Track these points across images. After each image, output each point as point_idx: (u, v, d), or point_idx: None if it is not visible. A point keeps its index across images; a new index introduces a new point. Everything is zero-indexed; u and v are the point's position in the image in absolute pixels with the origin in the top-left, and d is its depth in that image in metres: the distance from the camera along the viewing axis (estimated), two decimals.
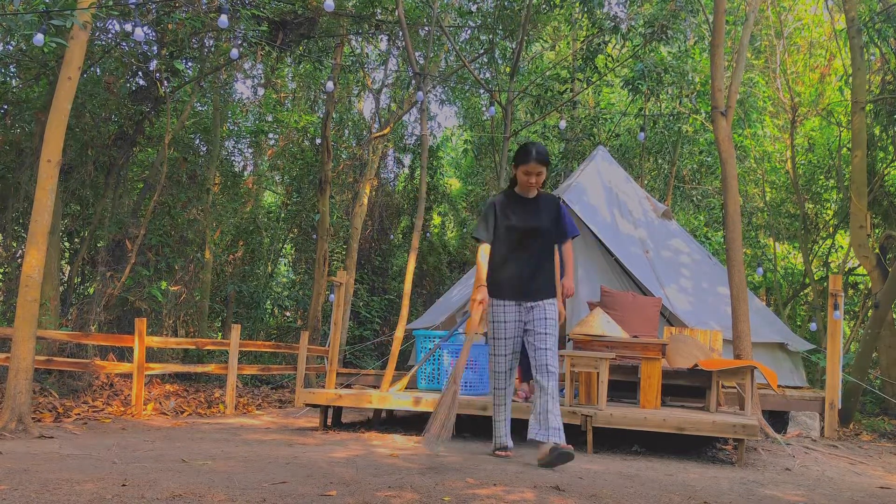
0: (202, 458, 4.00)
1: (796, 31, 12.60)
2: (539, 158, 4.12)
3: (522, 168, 4.15)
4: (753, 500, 3.40)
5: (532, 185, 4.18)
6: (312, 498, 2.94)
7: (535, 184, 4.18)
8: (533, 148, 4.13)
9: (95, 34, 8.42)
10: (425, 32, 10.70)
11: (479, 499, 3.03)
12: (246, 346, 8.01)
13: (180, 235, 10.28)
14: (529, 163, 4.12)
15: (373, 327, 13.35)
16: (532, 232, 4.23)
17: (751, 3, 7.40)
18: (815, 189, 12.13)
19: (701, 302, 7.81)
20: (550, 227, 4.28)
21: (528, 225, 4.23)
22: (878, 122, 9.39)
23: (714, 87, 6.70)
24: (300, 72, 13.39)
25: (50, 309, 7.78)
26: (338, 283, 7.98)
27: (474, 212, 15.71)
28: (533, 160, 4.11)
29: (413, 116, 14.70)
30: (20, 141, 8.89)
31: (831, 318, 6.46)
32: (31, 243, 5.23)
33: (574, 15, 11.14)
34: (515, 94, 8.16)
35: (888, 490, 4.00)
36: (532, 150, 4.12)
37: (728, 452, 5.26)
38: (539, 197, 4.31)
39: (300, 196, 13.47)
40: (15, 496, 2.81)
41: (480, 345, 6.02)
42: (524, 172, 4.16)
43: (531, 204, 4.29)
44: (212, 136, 11.33)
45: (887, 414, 7.98)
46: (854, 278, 12.25)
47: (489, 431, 5.73)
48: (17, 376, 5.12)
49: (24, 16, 5.27)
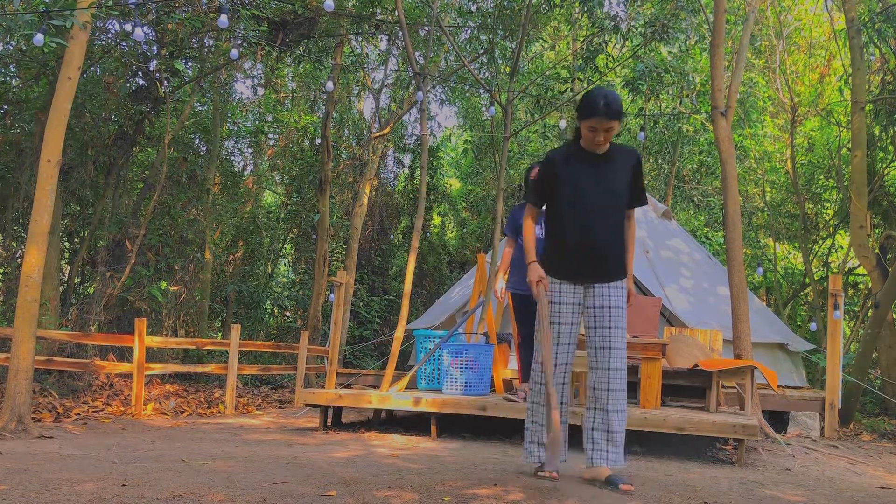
0: (202, 458, 4.00)
1: (796, 31, 12.60)
2: (609, 112, 3.28)
3: (587, 123, 3.34)
4: (753, 500, 3.40)
5: (600, 143, 3.39)
6: (312, 498, 2.94)
7: (603, 142, 3.39)
8: (602, 99, 3.28)
9: (95, 34, 8.42)
10: (425, 32, 10.70)
11: (479, 499, 3.03)
12: (246, 346, 8.01)
13: (180, 235, 10.28)
14: (596, 117, 3.30)
15: (373, 327, 13.35)
16: (603, 196, 3.45)
17: (751, 3, 7.41)
18: (815, 189, 12.13)
19: (701, 302, 7.81)
20: (625, 190, 3.49)
21: (598, 187, 3.45)
22: (877, 122, 9.39)
23: (714, 87, 6.70)
24: (300, 72, 13.39)
25: (50, 309, 7.78)
26: (338, 283, 7.99)
27: (474, 212, 15.70)
28: (601, 114, 3.28)
29: (413, 116, 14.70)
30: (20, 141, 8.89)
31: (831, 318, 6.46)
32: (31, 243, 5.23)
33: (574, 15, 11.14)
34: (515, 94, 8.14)
35: (888, 490, 4.00)
36: (600, 101, 3.28)
37: (728, 452, 5.26)
38: (613, 151, 3.50)
39: (300, 196, 13.47)
40: (15, 496, 2.81)
41: (480, 345, 6.02)
42: (589, 128, 3.36)
43: (602, 160, 3.48)
44: (212, 136, 11.33)
45: (887, 414, 7.98)
46: (854, 278, 12.25)
47: (489, 431, 5.73)
48: (17, 376, 5.12)
49: (24, 16, 5.27)
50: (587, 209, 3.44)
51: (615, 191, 3.46)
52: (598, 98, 3.30)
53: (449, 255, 15.60)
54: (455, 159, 17.91)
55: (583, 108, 3.36)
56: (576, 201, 3.44)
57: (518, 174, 14.33)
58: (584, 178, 3.45)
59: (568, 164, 3.48)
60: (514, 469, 3.90)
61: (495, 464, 4.09)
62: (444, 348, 5.94)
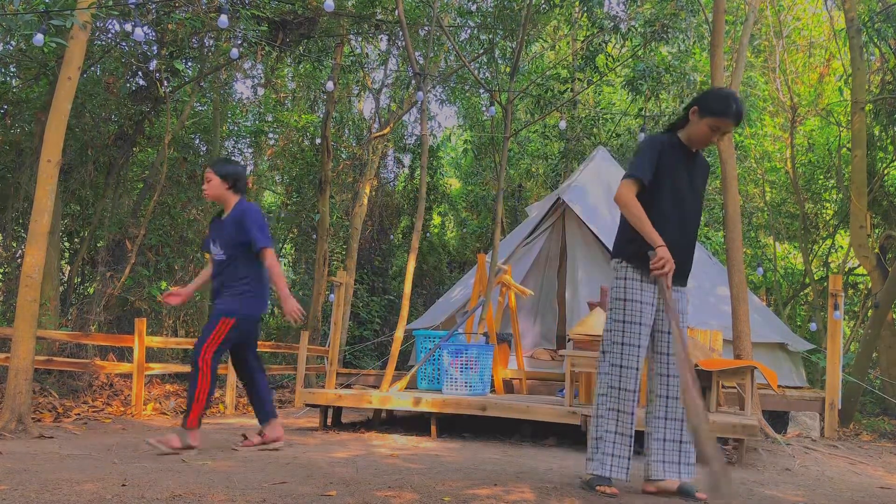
0: (202, 458, 4.00)
1: (795, 31, 12.60)
2: (738, 118, 3.25)
3: (713, 121, 3.24)
4: (753, 500, 3.40)
5: (712, 143, 3.34)
6: (312, 498, 2.94)
7: (713, 143, 3.37)
8: (734, 102, 3.23)
9: (95, 34, 8.42)
10: (425, 32, 10.70)
11: (479, 499, 3.03)
12: None
13: (180, 235, 10.27)
14: (727, 118, 3.23)
15: (373, 327, 13.34)
16: (695, 199, 3.38)
17: (751, 3, 7.41)
18: (815, 189, 12.13)
19: (701, 302, 7.81)
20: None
21: (692, 189, 3.36)
22: (877, 122, 9.39)
23: (714, 86, 6.70)
24: (300, 72, 13.39)
25: (50, 309, 7.78)
26: (338, 283, 7.99)
27: (474, 212, 15.70)
28: (731, 117, 3.23)
29: (413, 116, 14.70)
30: (20, 141, 8.89)
31: (831, 318, 6.47)
32: (31, 243, 5.23)
33: (574, 14, 11.14)
34: (515, 94, 8.15)
35: (888, 490, 4.00)
36: (733, 104, 3.22)
37: (728, 452, 5.26)
38: (699, 154, 3.45)
39: (300, 196, 13.47)
40: (15, 496, 2.81)
41: (480, 345, 6.02)
42: (712, 127, 3.26)
43: (695, 160, 3.41)
44: (212, 136, 11.33)
45: (887, 414, 7.98)
46: (854, 278, 12.25)
47: (489, 431, 5.73)
48: (16, 376, 5.12)
49: (24, 16, 5.27)
50: (685, 209, 3.33)
51: (701, 195, 3.42)
52: (731, 100, 3.23)
53: (449, 255, 15.60)
54: (455, 159, 17.91)
55: (713, 105, 3.24)
56: (676, 199, 3.31)
57: (518, 174, 14.33)
58: (683, 176, 3.34)
59: (671, 156, 3.33)
60: (514, 469, 3.90)
61: (495, 464, 4.09)
62: (444, 348, 5.94)
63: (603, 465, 3.28)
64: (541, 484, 3.43)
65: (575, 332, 5.62)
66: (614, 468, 3.27)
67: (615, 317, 3.30)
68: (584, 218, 8.03)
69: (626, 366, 3.25)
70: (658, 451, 3.32)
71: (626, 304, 3.27)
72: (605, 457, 3.28)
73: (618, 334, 3.28)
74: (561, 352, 7.15)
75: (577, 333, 5.61)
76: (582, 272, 8.03)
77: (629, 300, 3.27)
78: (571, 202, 8.18)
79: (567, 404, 5.28)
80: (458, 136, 16.99)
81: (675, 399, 3.30)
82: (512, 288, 7.05)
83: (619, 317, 3.29)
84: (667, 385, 3.31)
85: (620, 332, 3.27)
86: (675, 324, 3.13)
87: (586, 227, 8.09)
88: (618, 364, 3.27)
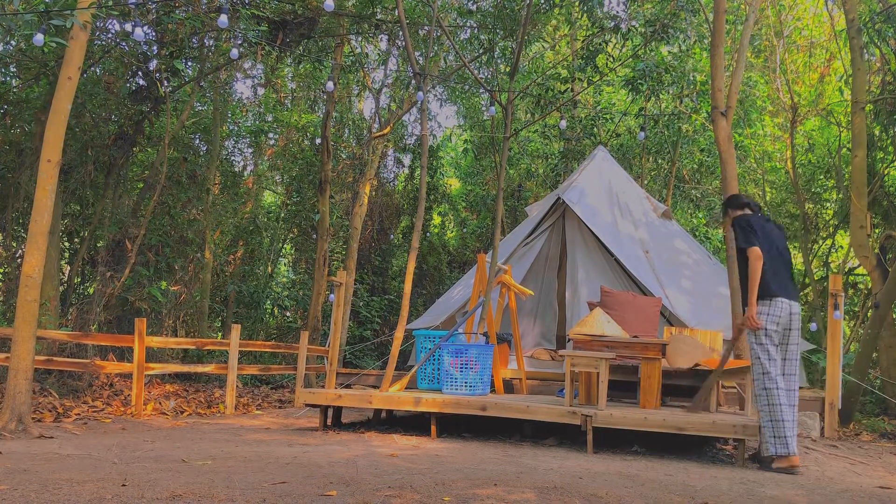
0: (202, 458, 4.00)
1: (796, 31, 12.60)
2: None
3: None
4: (753, 500, 3.40)
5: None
6: (312, 498, 2.94)
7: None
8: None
9: (95, 34, 8.42)
10: (425, 32, 10.70)
11: (479, 499, 3.03)
12: (246, 346, 8.01)
13: (180, 235, 10.27)
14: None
15: (373, 327, 13.34)
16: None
17: (751, 3, 7.40)
18: (815, 189, 12.13)
19: (701, 302, 7.81)
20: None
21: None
22: (878, 122, 9.38)
23: (714, 86, 6.70)
24: (300, 72, 13.39)
25: (50, 309, 7.78)
26: (338, 283, 7.99)
27: (474, 212, 15.69)
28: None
29: (413, 116, 14.70)
30: (20, 141, 8.89)
31: (831, 318, 6.46)
32: (31, 243, 5.23)
33: (574, 14, 11.14)
34: (515, 94, 8.15)
35: (888, 490, 4.00)
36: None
37: (728, 452, 5.26)
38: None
39: (300, 196, 13.47)
40: (15, 496, 2.81)
41: (480, 345, 6.02)
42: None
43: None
44: (212, 136, 11.33)
45: (887, 414, 7.97)
46: (854, 278, 12.25)
47: (489, 431, 5.73)
48: (16, 376, 5.12)
49: (24, 16, 5.27)
50: (780, 254, 5.01)
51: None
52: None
53: (449, 255, 15.59)
54: (455, 159, 17.91)
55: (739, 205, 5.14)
56: (771, 247, 4.93)
57: (518, 174, 14.32)
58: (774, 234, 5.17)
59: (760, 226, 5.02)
60: (514, 469, 3.90)
61: (496, 464, 4.09)
62: (444, 348, 5.94)
63: (786, 445, 4.43)
64: (541, 484, 3.43)
65: (575, 333, 5.62)
66: (790, 446, 4.46)
67: (766, 329, 4.72)
68: (584, 218, 8.03)
69: (772, 362, 4.65)
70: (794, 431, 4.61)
71: (773, 318, 4.67)
72: (788, 438, 4.45)
73: (767, 338, 4.67)
74: (561, 352, 7.14)
75: (577, 333, 5.60)
76: (582, 272, 8.03)
77: (777, 315, 4.68)
78: (571, 202, 8.18)
79: (567, 404, 5.27)
80: (458, 136, 17.00)
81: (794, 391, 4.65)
82: (512, 288, 7.05)
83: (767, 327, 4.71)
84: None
85: (768, 339, 4.66)
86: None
87: (586, 228, 8.09)
88: (768, 360, 4.62)
